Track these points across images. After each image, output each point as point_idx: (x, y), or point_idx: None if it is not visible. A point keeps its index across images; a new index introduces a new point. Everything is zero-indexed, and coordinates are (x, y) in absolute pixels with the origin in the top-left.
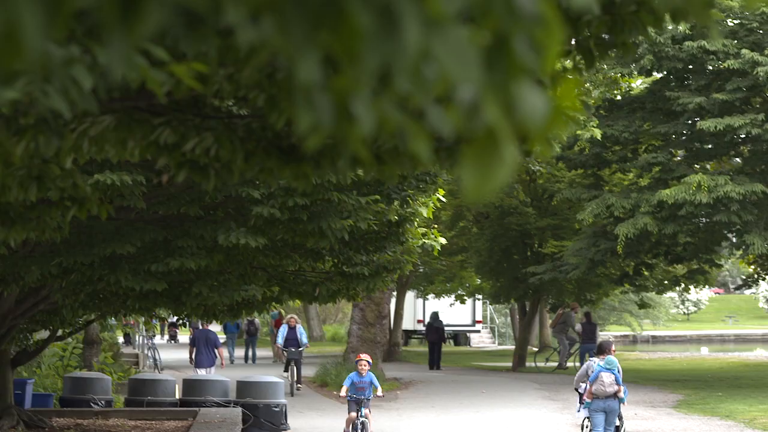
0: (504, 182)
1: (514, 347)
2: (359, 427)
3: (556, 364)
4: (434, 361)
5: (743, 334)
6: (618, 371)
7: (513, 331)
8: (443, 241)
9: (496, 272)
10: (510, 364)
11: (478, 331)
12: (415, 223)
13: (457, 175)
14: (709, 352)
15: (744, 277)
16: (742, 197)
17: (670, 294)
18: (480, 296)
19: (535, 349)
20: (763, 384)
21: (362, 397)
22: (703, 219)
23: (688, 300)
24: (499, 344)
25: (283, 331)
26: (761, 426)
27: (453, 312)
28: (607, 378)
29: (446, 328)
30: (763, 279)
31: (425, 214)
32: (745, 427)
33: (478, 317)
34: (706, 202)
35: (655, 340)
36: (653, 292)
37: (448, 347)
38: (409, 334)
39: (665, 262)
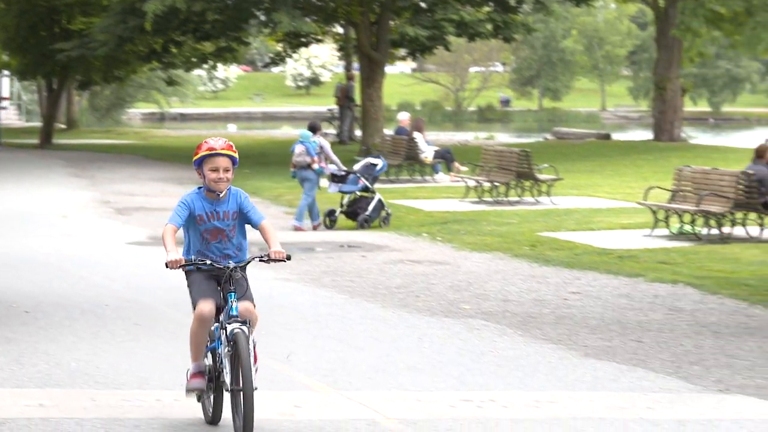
0: None
1: (41, 124)
2: (225, 339)
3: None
4: None
5: (270, 112)
6: (315, 145)
7: (40, 108)
8: None
9: (23, 49)
10: (37, 141)
11: (5, 108)
12: None
13: None
14: (236, 130)
15: (272, 56)
16: None
17: (198, 71)
18: (7, 73)
19: (62, 126)
20: (288, 161)
21: (223, 262)
22: None
23: (216, 78)
24: (27, 121)
25: None
26: (287, 202)
27: None
28: (297, 149)
29: None
30: (290, 57)
31: None
32: (270, 204)
33: (5, 94)
34: None
35: (184, 117)
36: (181, 70)
37: None
38: None
39: (193, 40)
